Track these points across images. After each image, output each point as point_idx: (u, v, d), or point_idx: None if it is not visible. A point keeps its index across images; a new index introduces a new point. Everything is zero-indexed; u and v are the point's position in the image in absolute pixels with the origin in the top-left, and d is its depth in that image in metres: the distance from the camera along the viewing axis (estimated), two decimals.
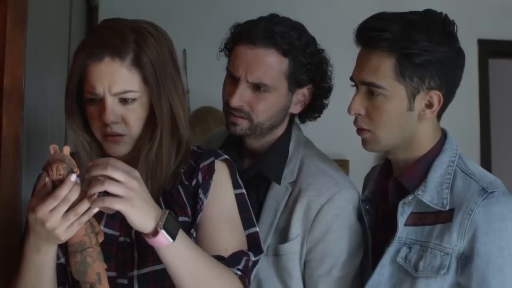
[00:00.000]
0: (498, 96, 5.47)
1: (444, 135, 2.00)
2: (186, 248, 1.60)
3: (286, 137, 2.18)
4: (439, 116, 1.97)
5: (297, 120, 2.25)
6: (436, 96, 1.90)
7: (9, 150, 1.93)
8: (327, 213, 2.03)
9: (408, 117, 1.90)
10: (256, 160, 2.17)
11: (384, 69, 1.87)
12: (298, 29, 2.12)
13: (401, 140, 1.94)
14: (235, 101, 2.06)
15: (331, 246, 2.03)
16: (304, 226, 2.04)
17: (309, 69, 2.06)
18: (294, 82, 2.10)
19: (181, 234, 1.58)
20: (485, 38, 5.10)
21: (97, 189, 1.50)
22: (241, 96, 2.06)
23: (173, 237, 1.55)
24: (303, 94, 2.15)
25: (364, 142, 1.97)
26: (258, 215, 2.06)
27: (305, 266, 2.06)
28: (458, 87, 1.97)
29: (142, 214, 1.53)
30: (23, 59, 1.97)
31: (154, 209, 1.56)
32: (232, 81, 2.10)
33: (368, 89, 1.91)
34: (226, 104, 2.11)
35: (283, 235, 2.05)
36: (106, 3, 4.53)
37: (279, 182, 2.09)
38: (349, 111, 1.95)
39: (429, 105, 1.91)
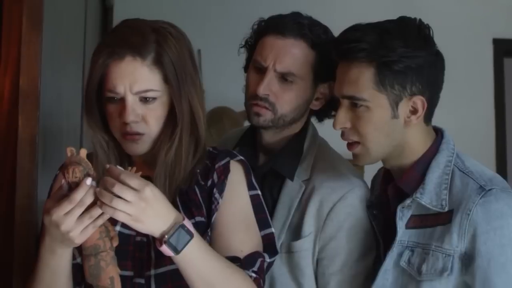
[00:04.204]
0: None
1: (441, 135, 1.99)
2: (198, 257, 1.60)
3: (301, 135, 2.18)
4: (427, 119, 1.94)
5: (313, 120, 2.25)
6: (419, 101, 1.88)
7: (25, 150, 1.95)
8: (340, 211, 2.03)
9: (394, 125, 1.89)
10: (270, 156, 2.17)
11: (364, 80, 1.86)
12: (322, 25, 2.15)
13: (391, 148, 1.92)
14: (262, 89, 2.06)
15: (343, 244, 2.03)
16: (316, 223, 2.04)
17: (333, 64, 2.07)
18: (319, 76, 2.11)
19: (193, 244, 1.58)
20: (500, 38, 5.08)
21: (105, 200, 1.51)
22: (268, 85, 2.07)
23: (177, 251, 1.56)
24: (324, 90, 2.15)
25: (355, 157, 1.96)
26: (272, 212, 2.06)
27: (317, 264, 2.05)
28: (442, 90, 1.95)
29: (149, 228, 1.56)
30: (39, 60, 1.98)
31: (165, 222, 1.57)
32: (258, 72, 2.11)
33: (350, 101, 1.90)
34: (251, 95, 2.12)
35: (296, 233, 2.05)
36: (121, 4, 4.54)
37: (292, 178, 2.09)
38: (334, 125, 1.94)
39: (414, 111, 1.89)
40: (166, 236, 1.55)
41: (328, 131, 2.19)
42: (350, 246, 2.03)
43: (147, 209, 1.53)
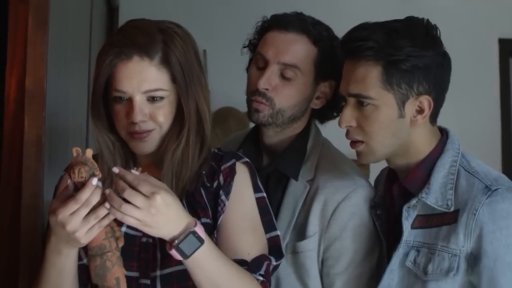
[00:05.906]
0: None
1: (446, 134, 1.98)
2: (207, 261, 1.61)
3: (304, 135, 2.18)
4: (433, 119, 1.94)
5: (317, 122, 2.25)
6: (426, 101, 1.88)
7: (31, 151, 1.95)
8: (344, 211, 2.03)
9: (400, 124, 1.89)
10: (274, 157, 2.17)
11: (371, 79, 1.86)
12: (324, 24, 2.16)
13: (396, 148, 1.92)
14: (263, 83, 2.06)
15: (348, 244, 2.03)
16: (321, 223, 2.04)
17: (334, 63, 2.07)
18: (320, 73, 2.12)
19: (203, 250, 1.59)
20: (506, 38, 5.08)
21: (115, 205, 1.52)
22: (269, 79, 2.07)
23: (186, 256, 1.57)
24: (325, 88, 2.15)
25: (359, 155, 1.95)
26: (276, 213, 2.06)
27: (322, 264, 2.05)
28: (448, 90, 1.95)
29: (158, 232, 1.57)
30: (45, 61, 1.98)
31: (175, 227, 1.57)
32: (259, 67, 2.12)
33: (357, 100, 1.90)
34: (251, 90, 2.12)
35: (301, 233, 2.05)
36: (126, 4, 4.55)
37: (296, 178, 2.09)
38: (340, 124, 1.93)
39: (420, 111, 1.89)
40: (176, 241, 1.56)
41: (331, 131, 2.19)
42: (354, 245, 2.03)
43: (157, 215, 1.53)
